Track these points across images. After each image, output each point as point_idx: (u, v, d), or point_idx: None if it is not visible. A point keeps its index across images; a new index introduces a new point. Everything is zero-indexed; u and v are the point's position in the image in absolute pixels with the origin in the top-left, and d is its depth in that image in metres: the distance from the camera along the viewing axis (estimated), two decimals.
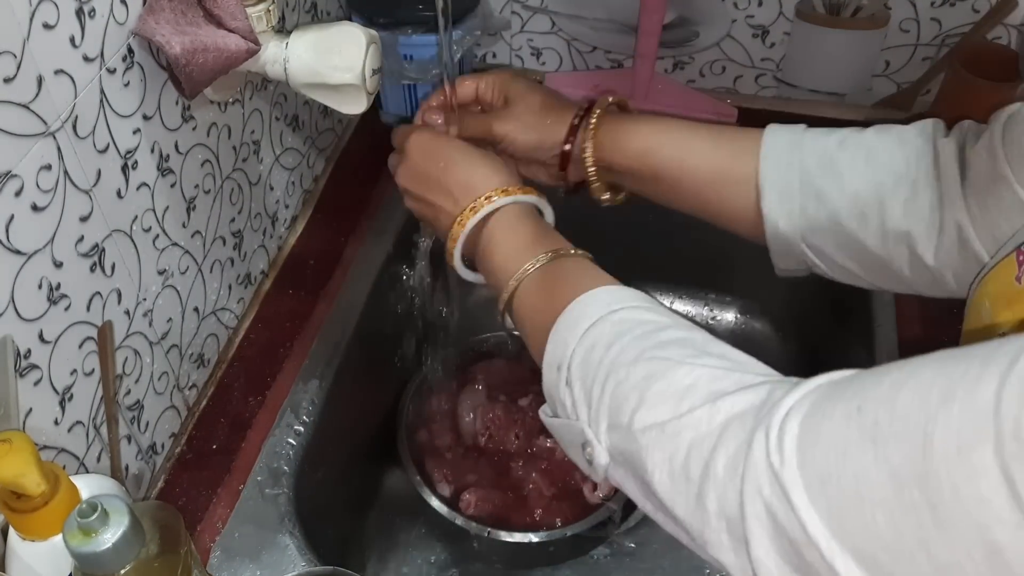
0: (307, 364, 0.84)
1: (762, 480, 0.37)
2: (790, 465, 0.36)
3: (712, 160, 0.66)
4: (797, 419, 0.37)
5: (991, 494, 0.29)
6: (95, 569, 0.50)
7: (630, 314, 0.51)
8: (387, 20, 0.94)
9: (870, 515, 0.33)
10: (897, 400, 0.33)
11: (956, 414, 0.30)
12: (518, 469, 0.94)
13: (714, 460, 0.40)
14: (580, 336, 0.51)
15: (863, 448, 0.34)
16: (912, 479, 0.31)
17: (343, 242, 0.95)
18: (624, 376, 0.47)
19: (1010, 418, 0.28)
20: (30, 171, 0.54)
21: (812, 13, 1.00)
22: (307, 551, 0.71)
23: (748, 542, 0.38)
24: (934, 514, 0.31)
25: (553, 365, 0.52)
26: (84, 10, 0.56)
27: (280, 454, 0.77)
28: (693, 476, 0.41)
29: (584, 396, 0.49)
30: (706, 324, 1.17)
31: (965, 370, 0.31)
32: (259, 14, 0.65)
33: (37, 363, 0.57)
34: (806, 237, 0.63)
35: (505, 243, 0.62)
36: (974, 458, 0.29)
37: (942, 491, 0.30)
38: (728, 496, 0.39)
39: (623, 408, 0.46)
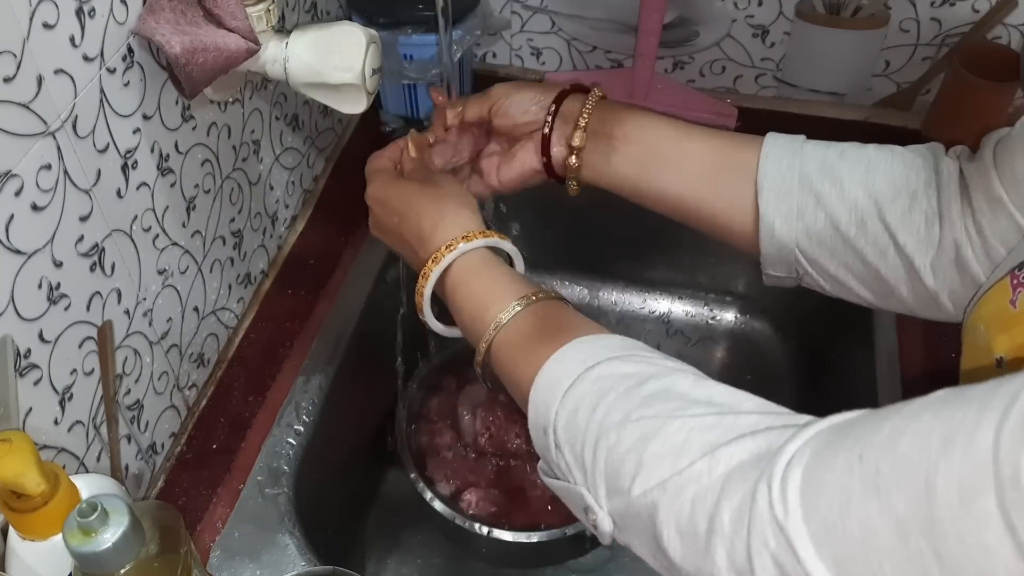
0: (307, 364, 0.84)
1: (767, 533, 0.37)
2: (794, 516, 0.36)
3: (710, 149, 0.65)
4: (799, 469, 0.37)
5: (995, 543, 0.29)
6: (95, 569, 0.50)
7: (608, 368, 0.49)
8: (387, 20, 0.94)
9: (877, 564, 0.33)
10: (898, 448, 0.33)
11: (957, 461, 0.31)
12: (518, 469, 0.94)
13: (719, 513, 0.40)
14: (560, 399, 0.50)
15: (866, 498, 0.34)
16: (917, 528, 0.31)
17: (343, 242, 0.95)
18: (615, 440, 0.46)
19: (1009, 465, 0.29)
20: (30, 171, 0.54)
21: (812, 13, 1.00)
22: (307, 551, 0.71)
23: None
24: (940, 563, 0.31)
25: (539, 428, 0.51)
26: (84, 10, 0.56)
27: (280, 454, 0.77)
28: (699, 531, 0.41)
29: (576, 461, 0.49)
30: (706, 324, 1.17)
31: (963, 416, 0.31)
32: (259, 14, 0.65)
33: (37, 363, 0.57)
34: (801, 244, 0.62)
35: (468, 300, 0.60)
36: (977, 506, 0.29)
37: (947, 540, 0.30)
38: (736, 548, 0.39)
39: (621, 474, 0.46)
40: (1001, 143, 0.55)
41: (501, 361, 0.57)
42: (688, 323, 1.18)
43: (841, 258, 0.61)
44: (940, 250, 0.57)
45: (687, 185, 0.66)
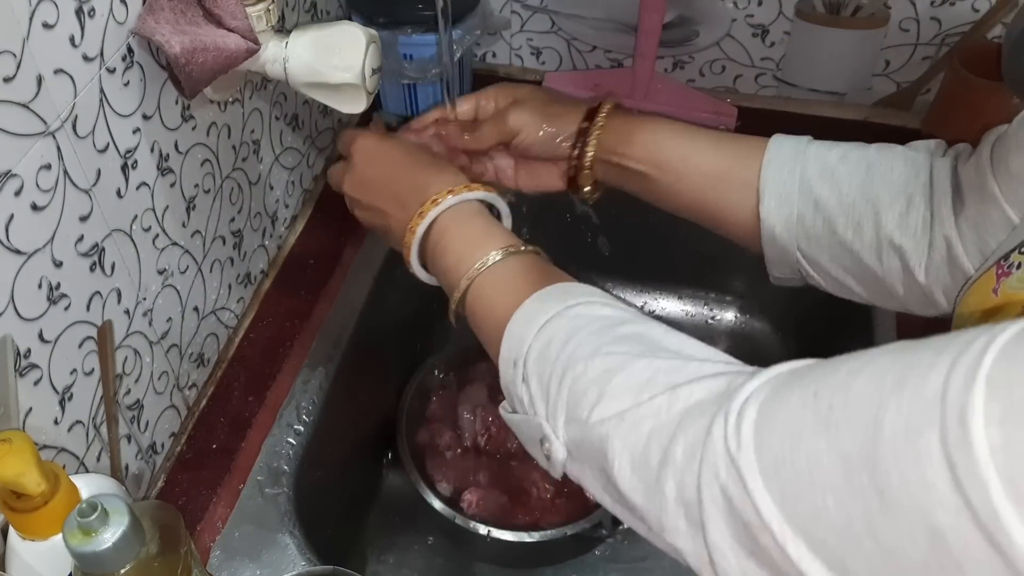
0: (307, 363, 0.84)
1: (719, 464, 0.38)
2: (747, 449, 0.37)
3: (716, 160, 0.67)
4: (755, 405, 0.38)
5: (935, 479, 0.29)
6: (95, 569, 0.50)
7: (586, 309, 0.51)
8: (387, 19, 0.94)
9: (821, 499, 0.33)
10: (852, 386, 0.34)
11: (906, 401, 0.31)
12: (518, 469, 0.94)
13: (673, 446, 0.41)
14: (536, 332, 0.51)
15: (816, 433, 0.34)
16: (861, 464, 0.32)
17: (343, 242, 0.95)
18: (582, 371, 0.47)
19: (955, 404, 0.29)
20: (30, 171, 0.54)
21: (812, 12, 1.00)
22: (307, 551, 0.71)
23: (704, 526, 0.39)
24: (881, 499, 0.31)
25: (509, 361, 0.52)
26: (84, 9, 0.56)
27: (280, 454, 0.77)
28: (652, 463, 0.42)
29: (541, 392, 0.49)
30: (706, 324, 1.17)
31: (919, 359, 0.32)
32: (259, 13, 0.65)
33: (37, 362, 0.57)
34: (801, 246, 0.64)
35: (454, 243, 0.61)
36: (920, 443, 0.29)
37: (889, 476, 0.30)
38: (686, 481, 0.39)
39: (581, 402, 0.46)
40: (999, 140, 0.56)
41: (481, 300, 0.58)
42: (688, 323, 1.18)
43: (839, 260, 0.63)
44: (932, 249, 0.58)
45: (692, 197, 0.68)
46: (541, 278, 0.55)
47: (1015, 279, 0.48)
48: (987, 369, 0.29)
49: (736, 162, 0.66)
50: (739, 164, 0.66)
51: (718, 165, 0.66)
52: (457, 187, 0.62)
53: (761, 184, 0.64)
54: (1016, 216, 0.53)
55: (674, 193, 0.69)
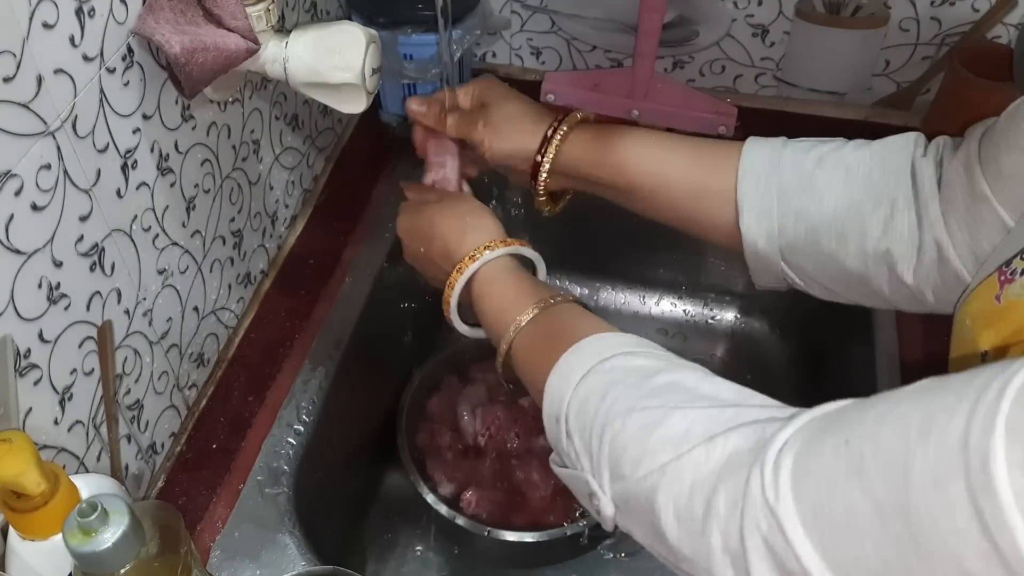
0: (307, 363, 0.84)
1: (759, 515, 0.39)
2: (785, 500, 0.38)
3: (690, 176, 0.66)
4: (791, 455, 0.39)
5: (965, 525, 0.30)
6: (95, 568, 0.50)
7: (620, 361, 0.51)
8: (387, 19, 0.94)
9: (860, 546, 0.34)
10: (880, 434, 0.35)
11: (932, 448, 0.32)
12: (518, 469, 0.94)
13: (715, 498, 0.41)
14: (574, 387, 0.52)
15: (850, 481, 0.35)
16: (895, 511, 0.33)
17: (343, 241, 0.95)
18: (620, 427, 0.48)
19: (978, 452, 0.30)
20: (30, 171, 0.54)
21: (812, 12, 1.00)
22: (307, 551, 0.71)
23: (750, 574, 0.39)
24: (916, 545, 0.32)
25: (552, 418, 0.54)
26: (84, 9, 0.56)
27: (280, 454, 0.77)
28: (696, 515, 0.42)
29: (584, 447, 0.50)
30: (706, 324, 1.17)
31: (941, 404, 0.33)
32: (259, 13, 0.65)
33: (37, 362, 0.57)
34: (785, 255, 0.63)
35: (489, 306, 0.64)
36: (949, 491, 0.31)
37: (922, 523, 0.32)
38: (730, 531, 0.40)
39: (623, 459, 0.47)
40: (986, 136, 0.55)
41: (520, 361, 0.60)
42: (688, 323, 1.18)
43: (824, 267, 0.62)
44: (922, 252, 0.57)
45: (669, 212, 0.68)
46: (577, 331, 0.56)
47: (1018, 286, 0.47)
48: (1005, 415, 0.30)
49: (712, 175, 0.65)
50: (715, 177, 0.65)
51: (692, 181, 0.66)
52: (480, 248, 0.65)
53: (739, 198, 0.63)
54: (1010, 217, 0.52)
55: (651, 207, 0.69)
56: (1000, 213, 0.53)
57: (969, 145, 0.55)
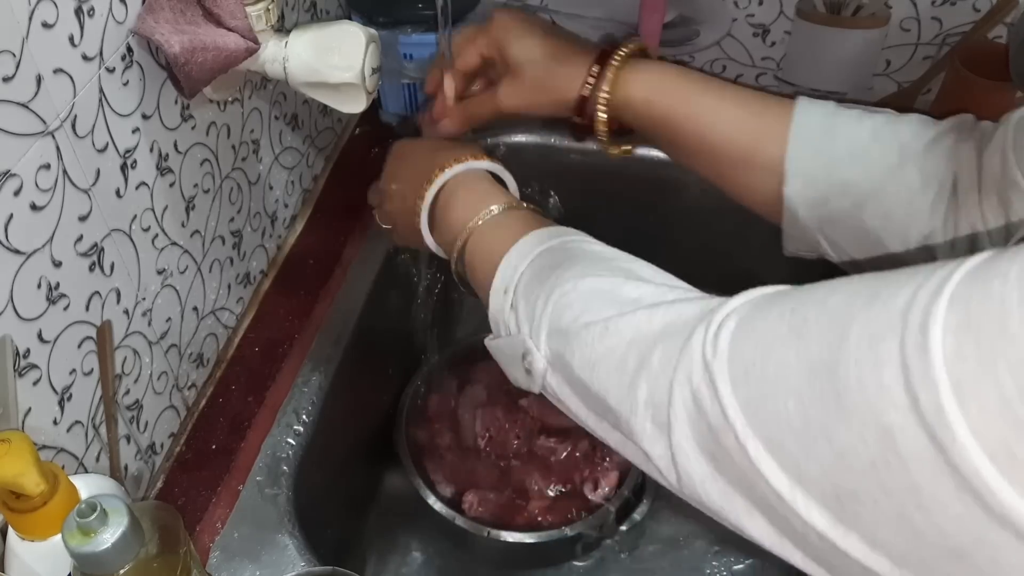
0: (307, 364, 0.84)
1: (694, 369, 0.40)
2: (721, 357, 0.38)
3: (737, 138, 0.63)
4: (736, 318, 0.40)
5: (890, 381, 0.30)
6: (94, 569, 0.49)
7: (583, 244, 0.54)
8: (387, 19, 0.94)
9: (783, 403, 0.35)
10: (828, 302, 0.36)
11: (874, 312, 0.32)
12: (518, 469, 0.94)
13: (651, 355, 0.42)
14: (531, 260, 0.53)
15: (788, 342, 0.36)
16: (824, 369, 0.33)
17: (343, 241, 0.95)
18: (570, 287, 0.49)
19: (919, 314, 0.30)
20: (29, 170, 0.53)
21: (813, 12, 1.00)
22: (306, 551, 0.71)
23: (671, 427, 0.40)
24: (838, 401, 0.32)
25: (500, 290, 0.55)
26: (83, 9, 0.56)
27: (279, 454, 0.77)
28: (628, 368, 0.43)
29: (527, 311, 0.51)
30: None
31: (895, 279, 0.33)
32: (258, 13, 0.65)
33: (36, 363, 0.57)
34: (824, 228, 0.62)
35: (460, 201, 0.64)
36: (881, 349, 0.31)
37: (848, 380, 0.32)
38: (659, 385, 0.41)
39: (565, 313, 0.48)
40: (1019, 124, 0.54)
41: (479, 245, 0.60)
42: None
43: (861, 243, 0.61)
44: (957, 237, 0.57)
45: (710, 172, 0.67)
46: (538, 223, 0.58)
47: None
48: (953, 285, 0.30)
49: (759, 141, 0.63)
50: (763, 141, 0.62)
51: (740, 145, 0.63)
52: (463, 156, 0.65)
53: (787, 163, 0.61)
54: None
55: (690, 162, 0.67)
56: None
57: (1006, 131, 0.55)
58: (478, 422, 0.98)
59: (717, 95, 0.65)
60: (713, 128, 0.64)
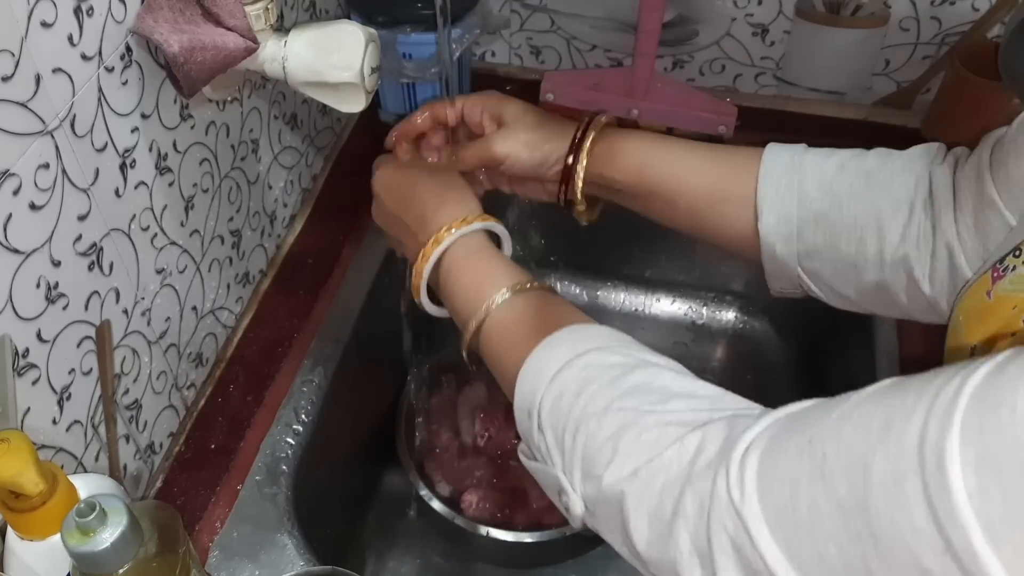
0: (306, 363, 0.84)
1: (726, 516, 0.39)
2: (750, 500, 0.38)
3: (709, 178, 0.65)
4: (756, 454, 0.39)
5: (922, 524, 0.30)
6: (93, 569, 0.49)
7: (595, 357, 0.51)
8: (386, 18, 0.94)
9: (823, 545, 0.35)
10: (842, 433, 0.35)
11: (891, 446, 0.32)
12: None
13: (683, 499, 0.42)
14: (548, 383, 0.51)
15: (813, 481, 0.35)
16: (856, 510, 0.33)
17: (342, 241, 0.95)
18: (595, 427, 0.48)
19: (933, 450, 0.30)
20: (28, 170, 0.53)
21: (812, 12, 1.00)
22: (306, 551, 0.71)
23: (716, 574, 0.40)
24: (876, 543, 0.32)
25: (524, 411, 0.53)
26: (82, 8, 0.56)
27: (279, 454, 0.77)
28: (665, 517, 0.43)
29: (556, 444, 0.50)
30: (706, 324, 1.17)
31: (901, 402, 0.33)
32: (257, 12, 0.65)
33: (35, 362, 0.57)
34: (803, 261, 0.63)
35: (460, 285, 0.62)
36: (907, 489, 0.31)
37: (882, 522, 0.32)
38: (698, 533, 0.41)
39: (596, 460, 0.47)
40: (998, 144, 0.55)
41: (491, 344, 0.59)
42: (688, 323, 1.18)
43: (842, 274, 0.62)
44: (935, 259, 0.57)
45: (688, 217, 0.67)
46: (549, 320, 0.55)
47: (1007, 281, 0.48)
48: (961, 412, 0.30)
49: (731, 179, 0.64)
50: (734, 181, 0.64)
51: (713, 184, 0.65)
52: (455, 221, 0.63)
53: (759, 201, 0.63)
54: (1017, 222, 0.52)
55: (670, 211, 0.68)
56: (1007, 218, 0.53)
57: (981, 152, 0.56)
58: (477, 422, 0.98)
59: (686, 146, 0.67)
60: (685, 173, 0.66)
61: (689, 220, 0.67)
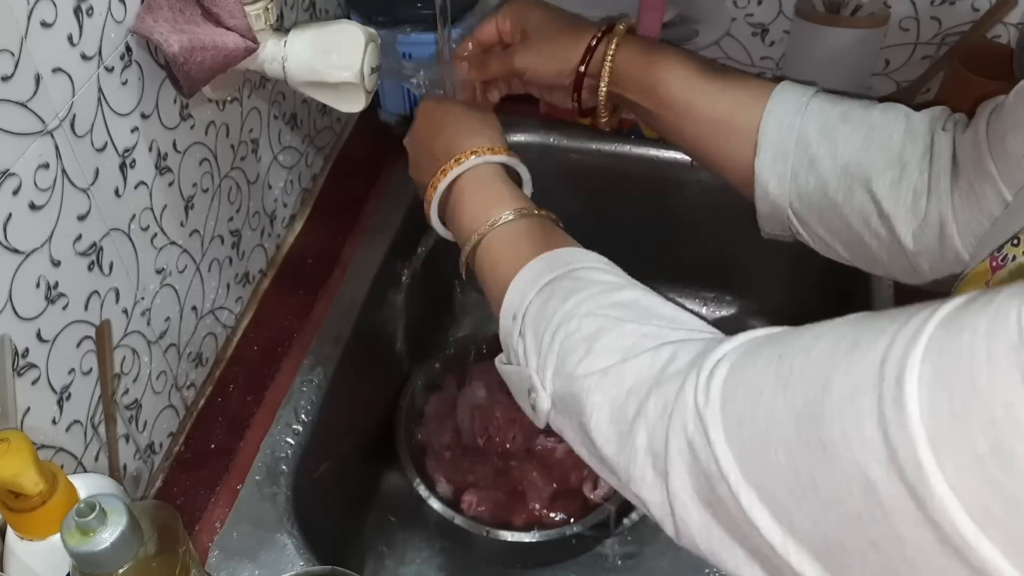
0: (306, 363, 0.84)
1: (688, 418, 0.40)
2: (713, 406, 0.39)
3: (717, 107, 0.66)
4: (727, 365, 0.40)
5: (871, 434, 0.31)
6: (93, 568, 0.49)
7: (589, 273, 0.53)
8: (386, 18, 0.94)
9: (774, 454, 0.35)
10: (812, 349, 0.36)
11: (855, 363, 0.33)
12: (517, 469, 0.94)
13: (648, 401, 0.43)
14: (538, 290, 0.53)
15: (776, 391, 0.36)
16: (811, 420, 0.33)
17: (342, 241, 0.95)
18: (575, 327, 0.49)
19: (894, 366, 0.31)
20: (28, 170, 0.53)
21: (812, 11, 1.00)
22: (305, 551, 0.71)
23: (668, 475, 0.41)
24: (824, 453, 0.33)
25: (509, 314, 0.55)
26: (82, 8, 0.56)
27: (278, 453, 0.77)
28: (628, 416, 0.44)
29: (535, 344, 0.52)
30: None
31: (874, 325, 0.34)
32: (257, 12, 0.65)
33: (35, 362, 0.57)
34: (793, 203, 0.64)
35: (470, 203, 0.63)
36: (862, 402, 0.31)
37: (832, 431, 0.32)
38: (656, 433, 0.42)
39: (570, 357, 0.49)
40: (995, 114, 0.55)
41: (490, 254, 0.60)
42: None
43: (828, 222, 0.63)
44: (925, 223, 0.58)
45: (693, 140, 0.68)
46: (549, 241, 0.58)
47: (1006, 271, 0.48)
48: (927, 336, 0.30)
49: (738, 111, 0.65)
50: (740, 113, 0.65)
51: (719, 112, 0.66)
52: (481, 148, 0.64)
53: (759, 137, 0.63)
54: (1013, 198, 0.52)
55: (676, 132, 0.68)
56: (1003, 193, 0.53)
57: (978, 122, 0.56)
58: (477, 421, 0.98)
59: (701, 69, 0.67)
60: (696, 98, 0.66)
61: (694, 145, 0.68)
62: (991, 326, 0.28)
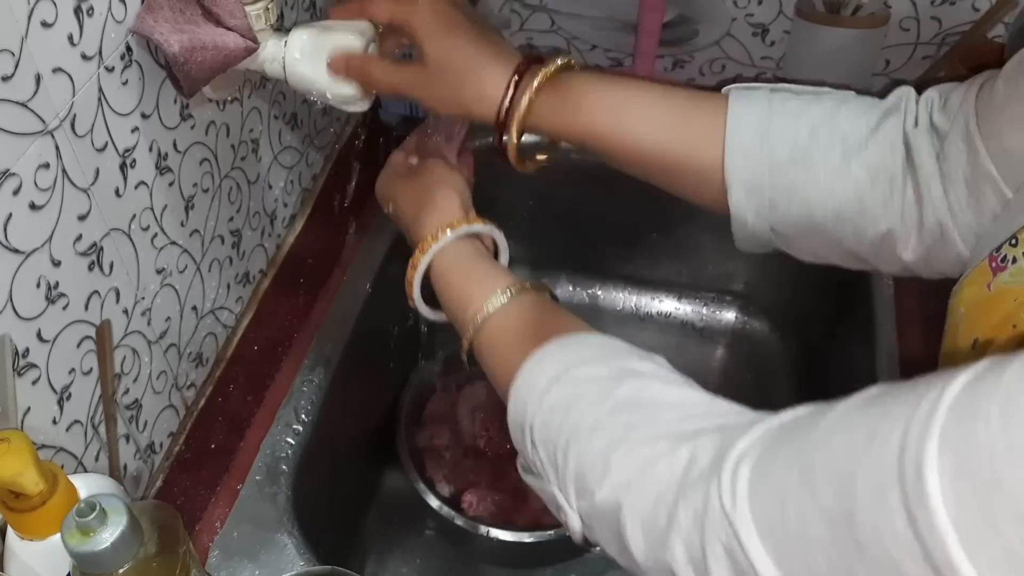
0: (306, 363, 0.84)
1: (719, 525, 0.39)
2: (742, 509, 0.38)
3: (670, 143, 0.60)
4: (748, 464, 0.39)
5: (902, 531, 0.31)
6: (93, 568, 0.49)
7: (583, 371, 0.51)
8: None
9: (811, 554, 0.35)
10: (830, 443, 0.36)
11: (875, 456, 0.33)
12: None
13: (677, 510, 0.42)
14: (538, 400, 0.52)
15: (802, 491, 0.36)
16: (842, 519, 0.34)
17: (342, 241, 0.95)
18: (585, 445, 0.48)
19: (912, 459, 0.31)
20: (28, 170, 0.53)
21: (812, 11, 1.00)
22: (305, 550, 0.71)
23: None
24: (861, 552, 0.33)
25: (517, 425, 0.54)
26: (82, 8, 0.55)
27: (279, 453, 0.77)
28: (660, 527, 0.43)
29: (549, 460, 0.51)
30: (706, 324, 1.17)
31: (886, 411, 0.34)
32: (258, 12, 0.64)
33: (35, 362, 0.57)
34: (776, 228, 0.60)
35: (451, 289, 0.63)
36: (889, 498, 0.31)
37: (866, 530, 0.33)
38: (692, 542, 0.41)
39: (589, 477, 0.48)
40: (984, 107, 0.53)
41: (483, 356, 0.60)
42: (688, 323, 1.18)
43: (817, 241, 0.61)
44: (923, 229, 0.56)
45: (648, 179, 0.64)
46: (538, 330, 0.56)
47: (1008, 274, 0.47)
48: (940, 423, 0.30)
49: (695, 144, 0.60)
50: (699, 146, 0.59)
51: (675, 149, 0.60)
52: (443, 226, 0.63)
53: (727, 175, 0.58)
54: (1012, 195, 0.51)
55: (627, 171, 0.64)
56: (1004, 191, 0.51)
57: (967, 116, 0.53)
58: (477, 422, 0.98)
59: (639, 95, 0.61)
60: (644, 133, 0.61)
61: (650, 180, 0.63)
62: (1004, 414, 0.29)
